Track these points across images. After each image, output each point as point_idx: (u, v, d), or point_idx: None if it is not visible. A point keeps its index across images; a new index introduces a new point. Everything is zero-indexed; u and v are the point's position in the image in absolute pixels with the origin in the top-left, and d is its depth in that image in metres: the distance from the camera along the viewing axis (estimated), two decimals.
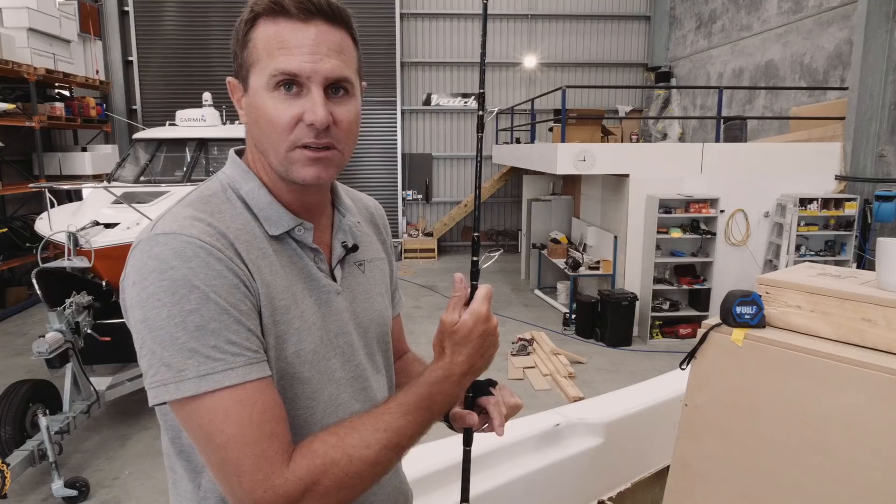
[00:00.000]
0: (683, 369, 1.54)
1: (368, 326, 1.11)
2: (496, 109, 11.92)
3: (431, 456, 1.86)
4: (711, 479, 1.51)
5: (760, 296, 1.47)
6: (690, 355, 1.52)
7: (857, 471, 1.28)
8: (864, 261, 7.06)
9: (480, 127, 1.11)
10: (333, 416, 1.00)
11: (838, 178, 7.34)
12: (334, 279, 1.05)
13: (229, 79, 1.00)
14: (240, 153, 1.06)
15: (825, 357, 1.34)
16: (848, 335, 1.37)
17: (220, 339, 0.84)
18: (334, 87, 0.95)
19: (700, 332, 1.52)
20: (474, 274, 1.09)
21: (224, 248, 0.88)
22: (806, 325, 1.43)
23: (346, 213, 1.11)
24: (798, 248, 7.22)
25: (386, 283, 1.21)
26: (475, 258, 1.09)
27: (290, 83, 0.92)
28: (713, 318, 1.55)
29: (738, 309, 1.45)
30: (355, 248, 1.10)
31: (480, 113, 1.11)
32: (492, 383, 1.16)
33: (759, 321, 1.46)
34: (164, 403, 0.85)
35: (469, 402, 1.12)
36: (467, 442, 1.12)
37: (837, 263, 7.26)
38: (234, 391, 0.84)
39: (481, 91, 1.14)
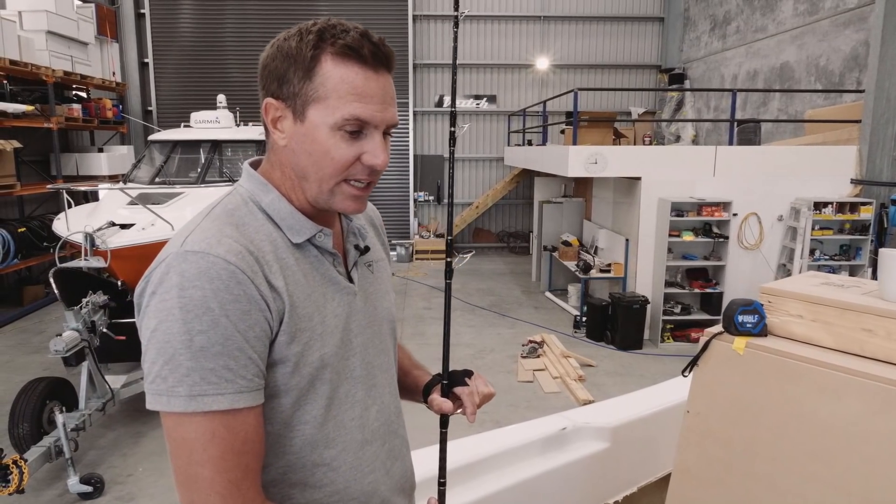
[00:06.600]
0: (686, 376, 1.55)
1: (381, 324, 1.17)
2: (466, 126, 12.08)
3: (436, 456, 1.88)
4: (712, 486, 1.53)
5: (762, 305, 1.49)
6: (693, 362, 1.53)
7: (855, 479, 1.28)
8: None
9: (452, 141, 1.27)
10: (349, 411, 1.07)
11: (854, 181, 7.27)
12: (351, 281, 1.11)
13: (269, 100, 1.00)
14: (253, 164, 1.10)
15: (824, 366, 1.35)
16: (848, 345, 1.38)
17: (218, 363, 0.88)
18: (385, 131, 1.02)
19: (702, 339, 1.53)
20: (448, 273, 1.25)
21: (248, 269, 0.91)
22: (807, 334, 1.44)
23: (351, 216, 1.17)
24: (812, 252, 7.16)
25: (390, 281, 1.27)
26: (448, 259, 1.26)
27: (357, 128, 0.97)
28: (716, 326, 1.56)
29: (740, 318, 1.46)
30: (367, 249, 1.16)
31: (452, 129, 1.26)
32: (468, 373, 1.27)
33: (760, 330, 1.47)
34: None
35: (445, 390, 1.24)
36: (443, 425, 1.26)
37: (852, 268, 7.19)
38: (222, 416, 0.89)
39: (452, 109, 1.28)
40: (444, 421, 1.26)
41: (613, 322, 7.35)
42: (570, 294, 9.20)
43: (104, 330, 4.65)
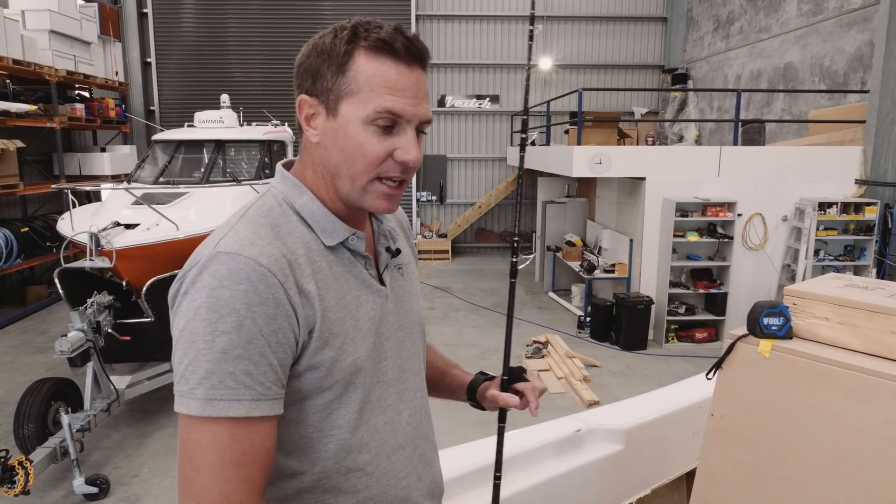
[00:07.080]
0: (710, 379, 1.54)
1: (412, 327, 1.16)
2: (536, 133, 12.05)
3: (463, 457, 1.87)
4: (737, 489, 1.51)
5: (788, 307, 1.47)
6: (717, 365, 1.52)
7: (885, 483, 1.27)
8: (885, 266, 6.97)
9: (522, 147, 1.31)
10: (381, 415, 1.06)
11: (858, 182, 7.26)
12: (383, 284, 1.10)
13: (303, 96, 1.00)
14: (286, 166, 1.09)
15: (853, 369, 1.33)
16: (876, 348, 1.37)
17: (238, 368, 0.86)
18: (418, 128, 1.00)
19: (727, 342, 1.52)
20: (513, 273, 1.32)
21: (279, 273, 0.90)
22: (834, 337, 1.43)
23: (382, 219, 1.16)
24: (817, 252, 7.15)
25: (418, 284, 1.26)
26: (514, 259, 1.32)
27: (389, 122, 0.96)
28: (740, 328, 1.55)
29: (766, 320, 1.44)
30: (398, 251, 1.15)
31: (524, 136, 1.31)
32: (523, 370, 1.29)
33: (786, 332, 1.46)
34: None
35: (505, 385, 1.28)
36: (502, 419, 1.30)
37: (857, 268, 7.18)
38: (232, 423, 0.87)
39: (525, 117, 1.33)
40: (502, 415, 1.30)
41: (617, 322, 7.34)
42: (573, 294, 9.19)
43: (109, 330, 4.64)
